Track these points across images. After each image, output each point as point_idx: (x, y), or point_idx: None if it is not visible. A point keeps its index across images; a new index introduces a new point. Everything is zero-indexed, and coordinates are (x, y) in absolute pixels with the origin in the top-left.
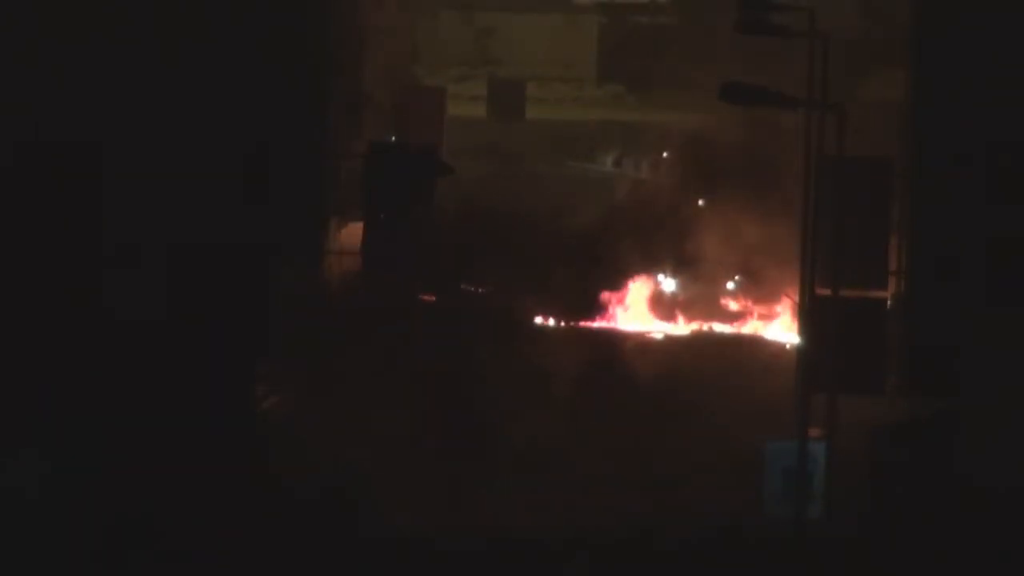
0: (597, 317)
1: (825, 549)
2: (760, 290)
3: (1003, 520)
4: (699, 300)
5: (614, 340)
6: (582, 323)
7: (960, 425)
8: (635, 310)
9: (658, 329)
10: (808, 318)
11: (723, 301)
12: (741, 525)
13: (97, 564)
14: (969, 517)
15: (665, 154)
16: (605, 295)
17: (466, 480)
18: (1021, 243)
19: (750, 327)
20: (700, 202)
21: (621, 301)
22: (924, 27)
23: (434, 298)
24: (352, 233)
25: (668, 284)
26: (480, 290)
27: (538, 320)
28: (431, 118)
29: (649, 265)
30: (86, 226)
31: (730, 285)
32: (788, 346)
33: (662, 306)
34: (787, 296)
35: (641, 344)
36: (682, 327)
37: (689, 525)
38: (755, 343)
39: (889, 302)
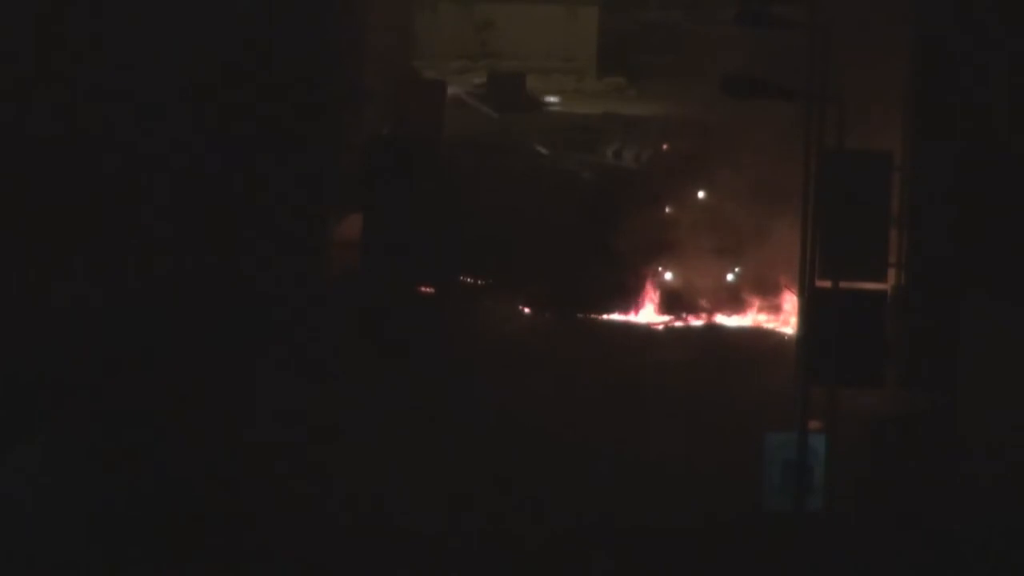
0: (612, 311)
1: (824, 542)
2: (759, 284)
3: (1001, 514)
4: (701, 292)
5: (617, 331)
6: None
7: (959, 419)
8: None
9: (659, 321)
10: (808, 310)
11: (703, 302)
12: (740, 518)
13: (96, 564)
14: (968, 511)
15: (665, 146)
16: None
17: (460, 471)
18: (1021, 237)
19: (751, 319)
20: (700, 194)
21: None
22: (925, 21)
23: (433, 290)
24: (352, 225)
25: (667, 276)
26: (480, 282)
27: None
28: (431, 111)
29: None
30: (81, 221)
31: (729, 276)
32: (787, 338)
33: (664, 298)
34: (787, 288)
35: (643, 336)
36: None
37: (687, 518)
38: (756, 335)
39: (888, 295)
